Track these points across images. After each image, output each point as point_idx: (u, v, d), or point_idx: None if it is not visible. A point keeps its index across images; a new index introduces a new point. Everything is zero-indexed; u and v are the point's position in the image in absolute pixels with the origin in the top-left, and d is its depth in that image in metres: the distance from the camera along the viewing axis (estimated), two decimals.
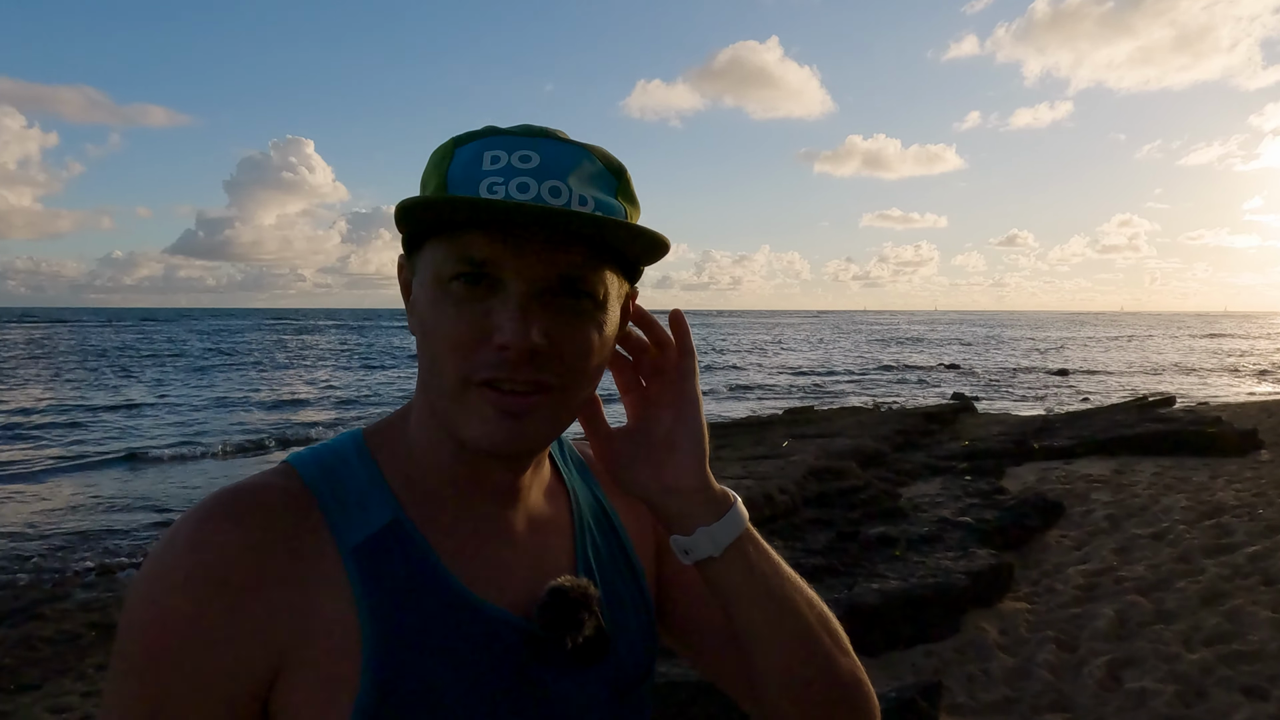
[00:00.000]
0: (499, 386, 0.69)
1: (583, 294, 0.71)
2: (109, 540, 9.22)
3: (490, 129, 0.73)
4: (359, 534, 0.71)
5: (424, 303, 0.71)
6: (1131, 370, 35.66)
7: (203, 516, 0.68)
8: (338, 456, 0.76)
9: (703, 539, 0.79)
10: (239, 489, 0.71)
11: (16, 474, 13.39)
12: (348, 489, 0.73)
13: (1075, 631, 4.65)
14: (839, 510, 7.09)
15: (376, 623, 0.68)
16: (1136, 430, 10.33)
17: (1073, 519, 6.93)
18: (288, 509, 0.70)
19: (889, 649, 4.58)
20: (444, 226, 0.69)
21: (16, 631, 5.30)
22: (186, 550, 0.66)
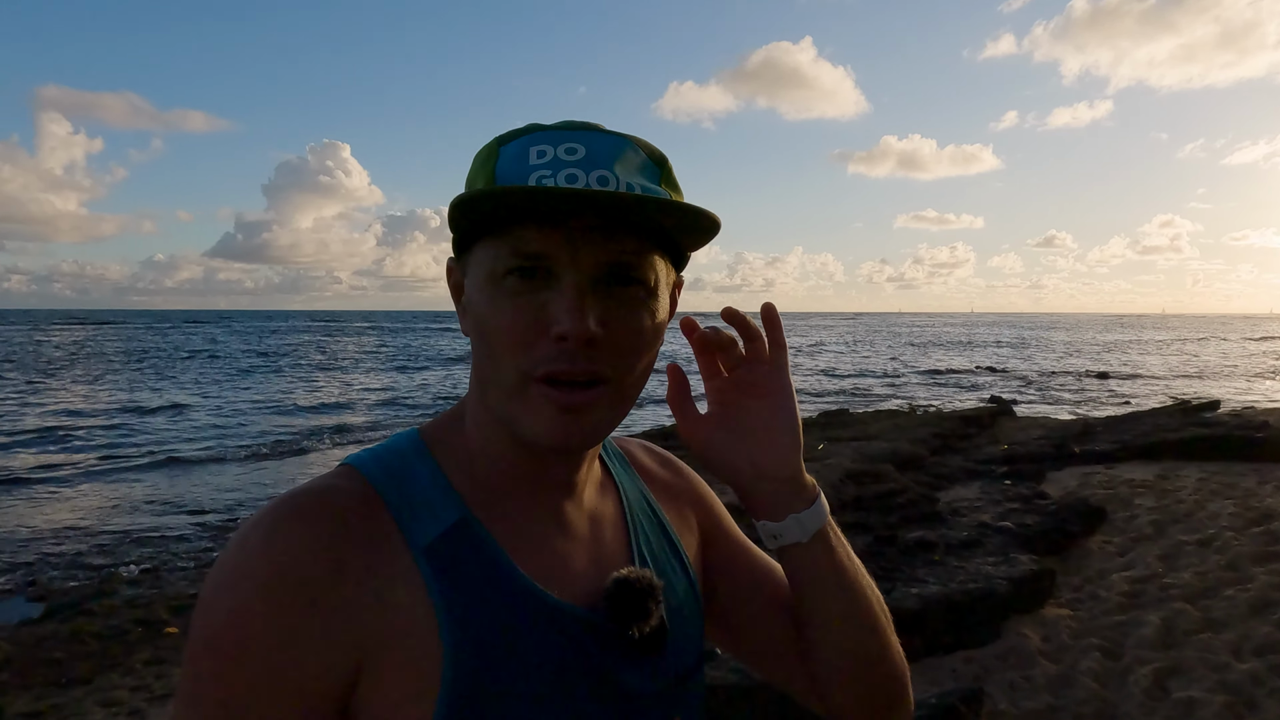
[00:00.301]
0: (558, 381, 0.69)
1: (635, 281, 0.72)
2: (153, 540, 9.40)
3: (533, 126, 0.74)
4: (429, 533, 0.71)
5: (479, 302, 0.72)
6: (1174, 374, 34.99)
7: (275, 519, 0.68)
8: (398, 456, 0.76)
9: (793, 525, 0.83)
10: (307, 491, 0.71)
11: (64, 475, 13.70)
12: (413, 489, 0.74)
13: (1120, 639, 4.57)
14: (876, 514, 7.04)
15: (454, 621, 0.69)
16: (1180, 434, 10.12)
17: (1116, 524, 6.81)
18: (357, 510, 0.70)
19: (928, 654, 4.53)
20: (496, 223, 0.70)
21: (66, 626, 5.41)
22: (262, 553, 0.66)
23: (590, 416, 0.71)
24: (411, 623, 0.68)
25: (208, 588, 0.67)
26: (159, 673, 4.50)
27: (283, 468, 14.35)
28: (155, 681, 4.36)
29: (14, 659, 4.83)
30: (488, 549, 0.73)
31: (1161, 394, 25.05)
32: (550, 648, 0.73)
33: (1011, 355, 48.52)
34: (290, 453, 16.02)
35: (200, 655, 0.66)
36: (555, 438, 0.71)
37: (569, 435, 0.71)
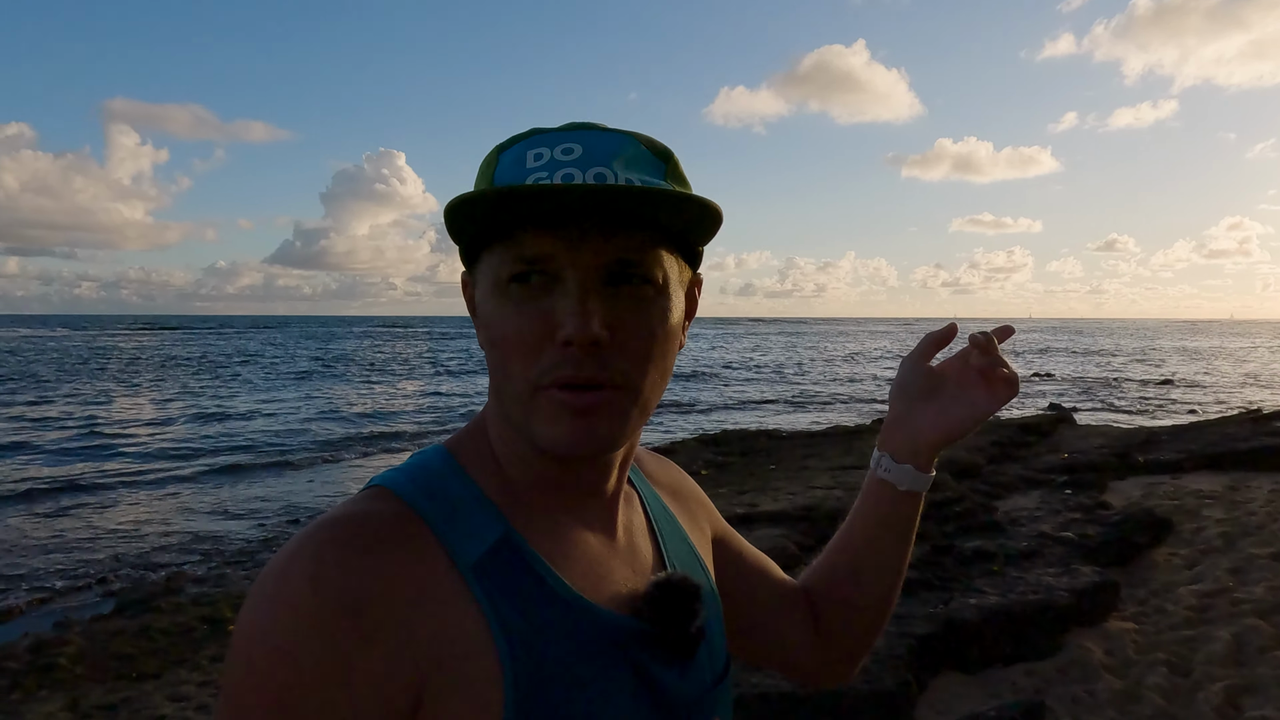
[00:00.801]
0: (567, 385, 0.68)
1: (641, 279, 0.69)
2: (216, 541, 9.67)
3: (534, 130, 0.73)
4: (474, 551, 0.69)
5: (487, 311, 0.71)
6: (1243, 381, 33.85)
7: (316, 547, 0.64)
8: (431, 473, 0.74)
9: (913, 475, 0.99)
10: (346, 517, 0.67)
11: (131, 479, 14.13)
12: (451, 505, 0.71)
13: (1188, 655, 4.44)
14: (933, 523, 6.93)
15: (511, 641, 0.66)
16: (1251, 444, 9.79)
17: (1183, 536, 6.62)
18: (401, 531, 0.67)
19: (986, 666, 4.46)
20: (497, 231, 0.68)
21: (135, 622, 5.58)
22: (307, 584, 0.62)
23: (601, 419, 0.69)
24: (468, 645, 0.65)
25: (247, 624, 0.63)
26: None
27: (341, 472, 14.63)
28: (221, 677, 4.48)
29: (87, 653, 5.00)
30: (533, 563, 0.71)
31: (1230, 402, 24.25)
32: (602, 659, 0.72)
33: (1071, 361, 47.39)
34: (348, 458, 16.32)
35: (245, 697, 0.61)
36: (570, 443, 0.69)
37: (583, 440, 0.69)
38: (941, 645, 4.46)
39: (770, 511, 6.95)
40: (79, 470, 14.42)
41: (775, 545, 6.02)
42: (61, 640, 5.20)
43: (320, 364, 46.30)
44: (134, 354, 54.10)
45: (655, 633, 0.76)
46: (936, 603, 4.92)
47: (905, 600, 5.07)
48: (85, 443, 17.60)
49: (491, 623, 0.66)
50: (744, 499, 7.58)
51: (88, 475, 13.96)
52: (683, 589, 0.78)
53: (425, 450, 0.79)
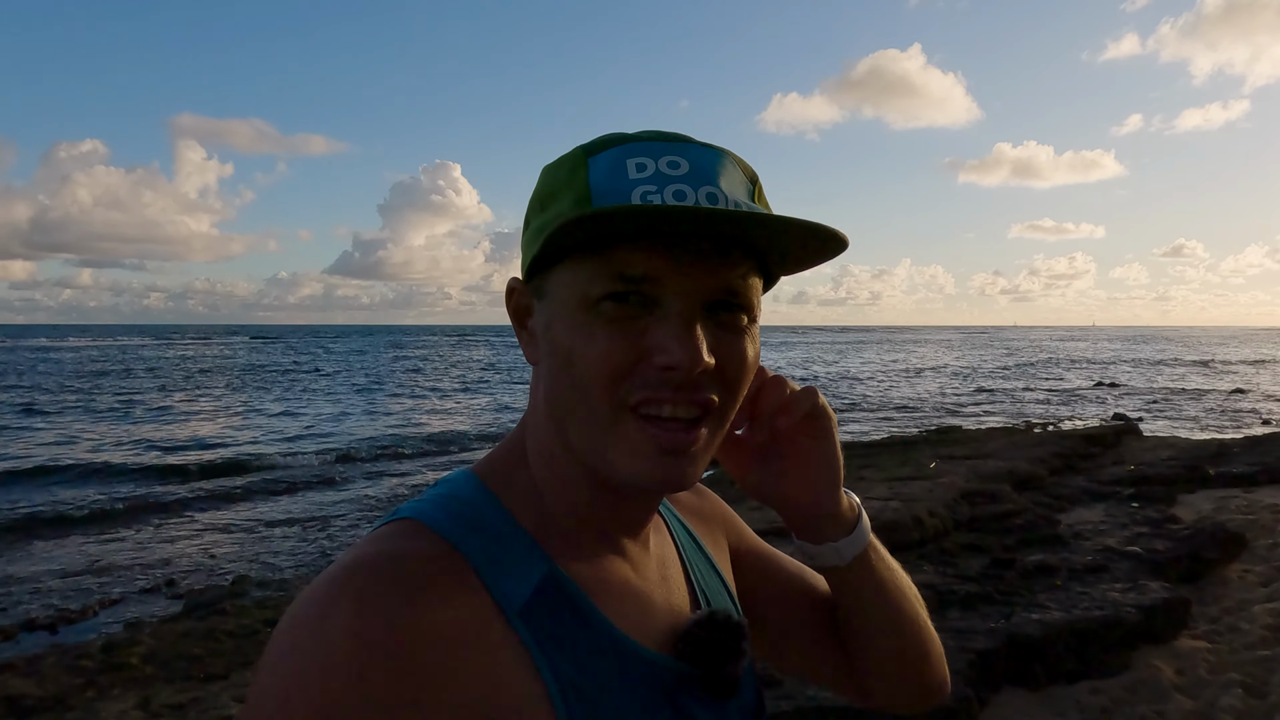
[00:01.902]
0: (658, 414, 0.64)
1: (740, 308, 0.67)
2: (275, 546, 9.89)
3: (620, 135, 0.69)
4: (520, 593, 0.64)
5: (564, 328, 0.65)
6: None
7: (357, 594, 0.57)
8: (466, 505, 0.69)
9: (830, 552, 0.85)
10: (384, 558, 0.61)
11: (197, 485, 14.52)
12: (491, 541, 0.66)
13: (1265, 676, 4.27)
14: (993, 536, 6.80)
15: (564, 688, 0.63)
16: None
17: (1257, 553, 6.38)
18: (445, 574, 0.61)
19: (1051, 683, 4.35)
20: (590, 244, 0.63)
21: (203, 625, 5.74)
22: (348, 637, 0.55)
23: (691, 458, 0.66)
24: (521, 698, 0.61)
25: (279, 678, 0.56)
26: None
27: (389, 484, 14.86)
28: None
29: (157, 653, 5.15)
30: (579, 603, 0.68)
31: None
32: (648, 704, 0.69)
33: (1136, 370, 46.10)
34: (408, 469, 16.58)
35: None
36: (654, 479, 0.65)
37: (669, 478, 0.66)
38: (1003, 661, 4.36)
39: None
40: (141, 477, 14.89)
41: None
42: (133, 640, 5.37)
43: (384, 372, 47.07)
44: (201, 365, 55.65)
45: (696, 674, 0.73)
46: (998, 617, 4.82)
47: (965, 614, 4.97)
48: (143, 453, 18.16)
49: (544, 672, 0.62)
50: None
51: (151, 481, 14.41)
52: (727, 629, 0.75)
53: (452, 477, 0.73)
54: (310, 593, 0.59)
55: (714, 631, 0.74)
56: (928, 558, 6.30)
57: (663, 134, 0.69)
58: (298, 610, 0.58)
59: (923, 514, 6.99)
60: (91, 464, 15.93)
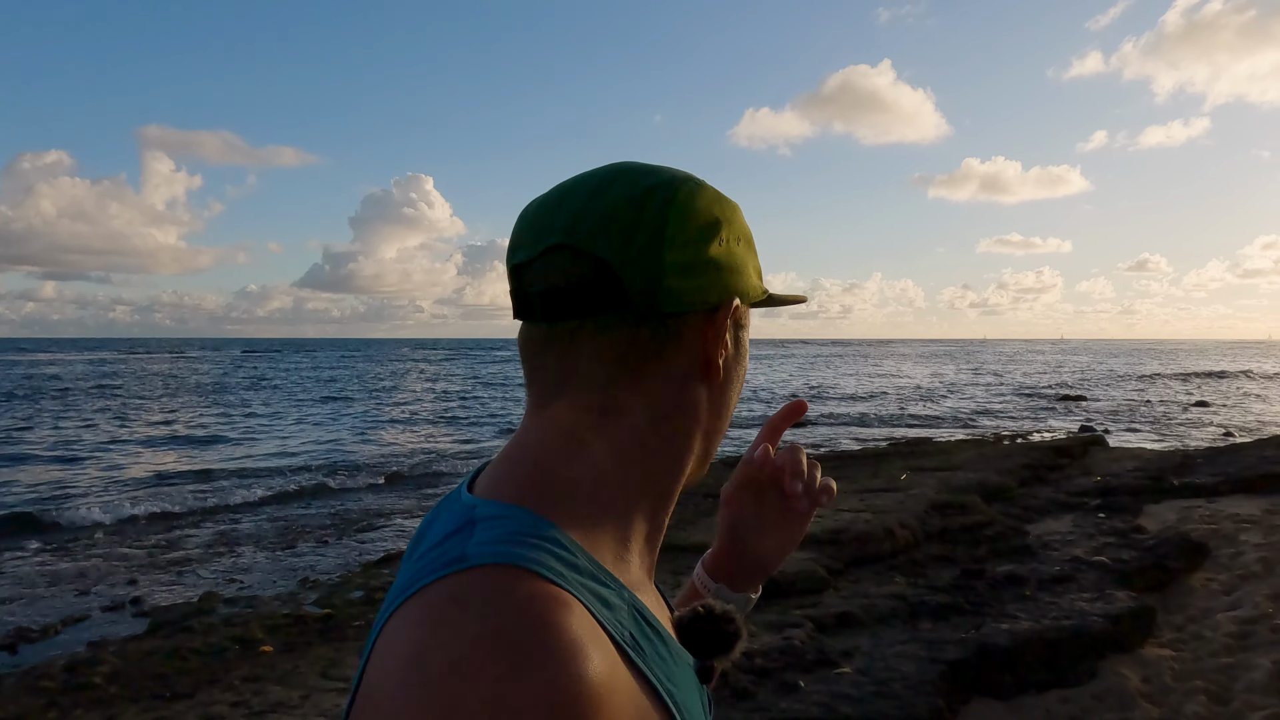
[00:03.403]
0: None
1: None
2: (244, 562, 9.75)
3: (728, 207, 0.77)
4: (625, 626, 0.65)
5: (745, 355, 0.79)
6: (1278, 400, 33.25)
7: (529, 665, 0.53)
8: (551, 541, 0.65)
9: (742, 601, 0.96)
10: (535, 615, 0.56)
11: (166, 499, 14.29)
12: (589, 581, 0.65)
13: (1228, 683, 4.35)
14: (963, 547, 6.87)
15: (674, 702, 0.65)
16: None
17: (1220, 561, 6.50)
18: (582, 621, 0.59)
19: (1021, 693, 4.39)
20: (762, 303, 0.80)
21: (169, 643, 5.64)
22: (545, 711, 0.51)
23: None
24: (658, 715, 0.63)
25: None
26: (256, 689, 4.66)
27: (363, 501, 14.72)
28: (254, 698, 4.51)
29: (122, 673, 5.06)
30: (655, 624, 0.70)
31: (1269, 424, 23.81)
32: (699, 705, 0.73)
33: (1102, 383, 46.79)
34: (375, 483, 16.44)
35: None
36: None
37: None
38: (974, 671, 4.41)
39: None
40: (106, 488, 14.64)
41: (804, 569, 5.98)
42: (96, 660, 5.27)
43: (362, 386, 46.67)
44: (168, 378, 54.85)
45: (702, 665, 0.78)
46: (968, 627, 4.87)
47: (936, 625, 5.02)
48: (112, 466, 17.87)
49: (663, 695, 0.64)
50: None
51: (116, 493, 14.17)
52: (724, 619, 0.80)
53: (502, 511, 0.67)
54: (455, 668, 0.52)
55: (713, 623, 0.79)
56: (899, 569, 6.35)
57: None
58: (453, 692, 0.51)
59: (894, 525, 7.05)
60: (53, 478, 15.64)
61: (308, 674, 4.91)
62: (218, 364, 76.71)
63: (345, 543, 10.69)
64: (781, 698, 4.04)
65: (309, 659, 5.23)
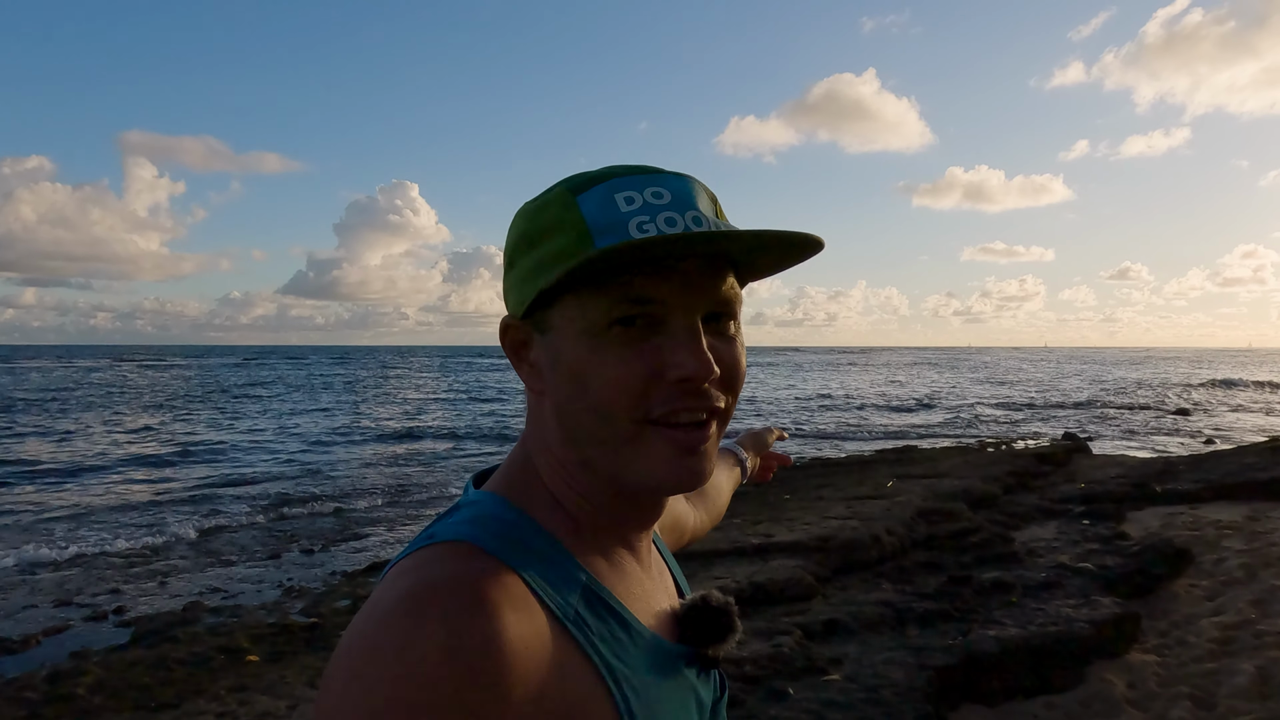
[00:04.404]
0: (675, 421, 0.70)
1: (729, 317, 0.74)
2: (230, 571, 9.67)
3: (600, 172, 0.74)
4: (568, 601, 0.68)
5: (573, 357, 0.70)
6: (1261, 409, 33.55)
7: (444, 617, 0.59)
8: (507, 525, 0.72)
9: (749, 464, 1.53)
10: (457, 579, 0.62)
11: (145, 507, 14.17)
12: (538, 559, 0.69)
13: (1212, 688, 4.39)
14: (950, 554, 6.90)
15: (619, 683, 0.68)
16: (1270, 474, 9.70)
17: (1203, 568, 6.55)
18: (511, 591, 0.64)
19: (1008, 699, 4.42)
20: (591, 278, 0.68)
21: (152, 652, 5.59)
22: (445, 659, 0.57)
23: (705, 455, 0.72)
24: (588, 694, 0.65)
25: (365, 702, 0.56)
26: (242, 699, 4.62)
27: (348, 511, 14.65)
28: (239, 708, 4.48)
29: (105, 683, 5.01)
30: (615, 605, 0.73)
31: (1249, 431, 24.05)
32: (675, 688, 0.76)
33: (1084, 390, 47.11)
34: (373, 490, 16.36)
35: None
36: (676, 480, 0.71)
37: (689, 475, 0.71)
38: (961, 678, 4.42)
39: (786, 542, 6.92)
40: (90, 497, 14.50)
41: (792, 576, 6.00)
42: (79, 670, 5.21)
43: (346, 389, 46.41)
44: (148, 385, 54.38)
45: (692, 651, 0.81)
46: (955, 634, 4.89)
47: (924, 632, 5.04)
48: (98, 471, 17.70)
49: (602, 672, 0.67)
50: (759, 529, 7.55)
51: (99, 503, 14.03)
52: (721, 608, 0.84)
53: (478, 497, 0.76)
54: (384, 618, 0.59)
55: (710, 613, 0.83)
56: (886, 576, 6.37)
57: (636, 167, 0.74)
58: (374, 636, 0.59)
59: (881, 532, 7.07)
60: (33, 481, 15.48)
61: (294, 683, 4.88)
62: (203, 370, 76.16)
63: (331, 551, 10.62)
64: (770, 705, 4.05)
65: (295, 668, 5.19)
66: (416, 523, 12.44)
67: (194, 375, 67.60)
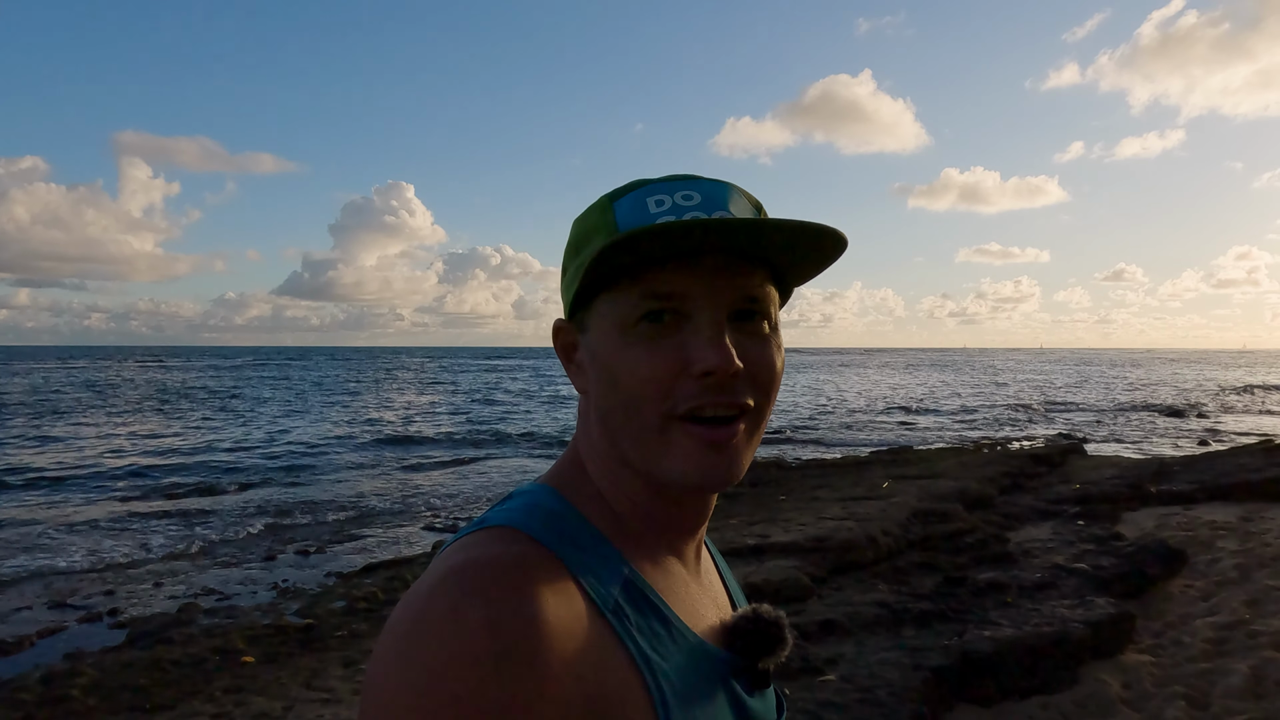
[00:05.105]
0: (702, 417, 0.70)
1: (761, 316, 0.74)
2: (226, 572, 9.66)
3: (640, 181, 0.76)
4: (611, 594, 0.70)
5: (607, 353, 0.72)
6: (1255, 410, 33.65)
7: (486, 593, 0.61)
8: (553, 515, 0.74)
9: None
10: (501, 560, 0.65)
11: (139, 509, 14.13)
12: (581, 548, 0.71)
13: (1207, 688, 4.40)
14: (945, 554, 6.91)
15: (655, 677, 0.68)
16: (1264, 475, 9.75)
17: (1197, 568, 6.58)
18: (554, 576, 0.66)
19: (1003, 699, 4.43)
20: (621, 273, 0.70)
21: (147, 654, 5.58)
22: (487, 633, 0.59)
23: (734, 451, 0.72)
24: (624, 689, 0.66)
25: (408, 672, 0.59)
26: (238, 700, 4.61)
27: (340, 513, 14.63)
28: (235, 709, 4.47)
29: (100, 685, 5.00)
30: (656, 601, 0.73)
31: (1243, 432, 24.11)
32: (715, 693, 0.74)
33: (1080, 391, 47.21)
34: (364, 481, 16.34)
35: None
36: (702, 476, 0.71)
37: (716, 472, 0.71)
38: (957, 678, 4.43)
39: (782, 543, 6.93)
40: (85, 501, 14.47)
41: (788, 577, 6.00)
42: (74, 672, 5.20)
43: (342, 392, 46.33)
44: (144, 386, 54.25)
45: (742, 664, 0.80)
46: (951, 634, 4.90)
47: (920, 632, 5.04)
48: (94, 472, 17.65)
49: (638, 661, 0.68)
50: (755, 530, 7.56)
51: (95, 504, 14.00)
52: (771, 622, 0.83)
53: (530, 488, 0.78)
54: (431, 592, 0.62)
55: (760, 625, 0.82)
56: (882, 576, 6.38)
57: (677, 175, 0.77)
58: (421, 609, 0.62)
59: (877, 533, 7.09)
60: (29, 484, 15.43)
61: (290, 684, 4.87)
62: (201, 371, 75.99)
63: (327, 553, 10.61)
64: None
65: (291, 669, 5.19)
66: (412, 524, 12.43)
67: (189, 376, 67.46)
